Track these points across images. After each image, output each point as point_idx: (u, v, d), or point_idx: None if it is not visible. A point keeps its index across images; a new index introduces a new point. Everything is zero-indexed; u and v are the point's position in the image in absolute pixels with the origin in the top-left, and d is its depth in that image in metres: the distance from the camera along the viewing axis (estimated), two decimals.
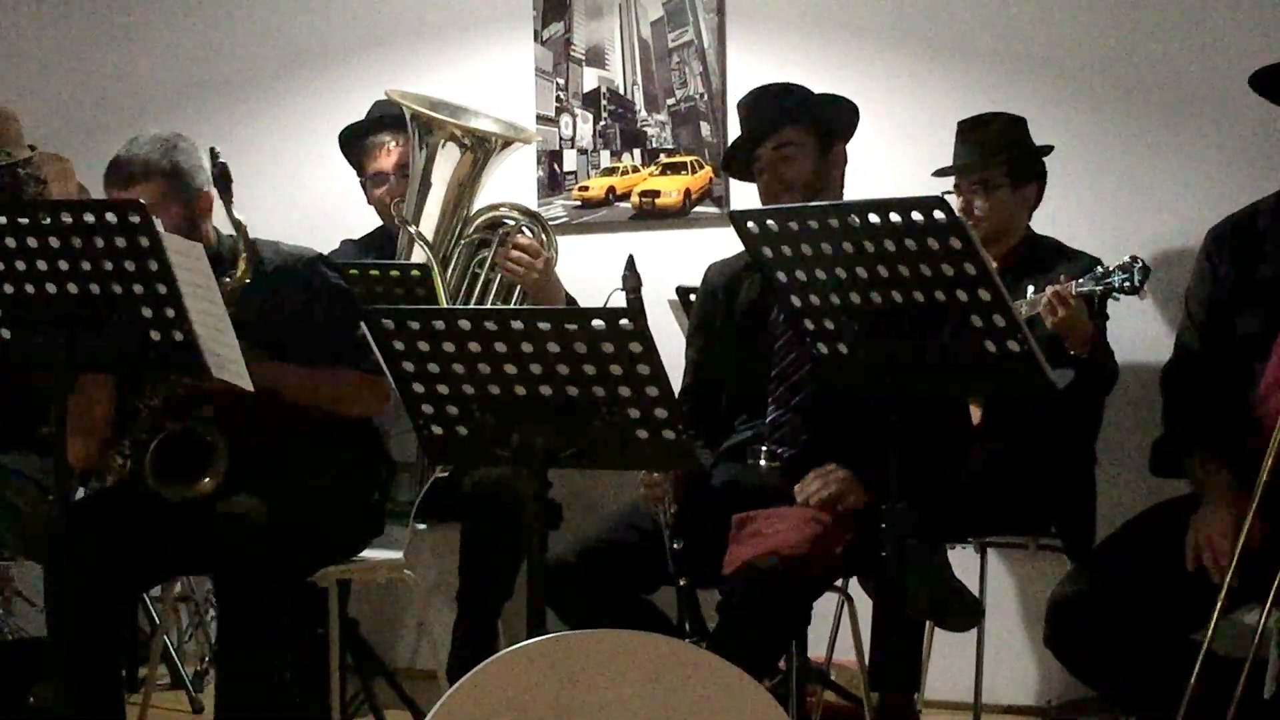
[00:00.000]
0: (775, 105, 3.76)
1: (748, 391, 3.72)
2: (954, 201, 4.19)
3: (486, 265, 4.47)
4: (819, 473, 3.48)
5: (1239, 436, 3.31)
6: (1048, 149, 4.28)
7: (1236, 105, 3.36)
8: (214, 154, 3.63)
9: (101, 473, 3.76)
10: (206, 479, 3.59)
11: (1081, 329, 3.61)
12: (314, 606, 3.90)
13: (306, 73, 5.57)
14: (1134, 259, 3.59)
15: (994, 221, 4.17)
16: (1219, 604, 2.87)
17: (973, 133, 4.24)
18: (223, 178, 3.61)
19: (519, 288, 4.43)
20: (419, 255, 4.41)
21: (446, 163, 4.45)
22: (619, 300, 3.50)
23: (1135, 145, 4.62)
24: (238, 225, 3.65)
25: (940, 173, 4.27)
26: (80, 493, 4.03)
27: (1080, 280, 3.63)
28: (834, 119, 3.82)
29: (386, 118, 4.71)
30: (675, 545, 3.43)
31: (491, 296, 4.44)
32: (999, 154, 4.18)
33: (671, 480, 3.47)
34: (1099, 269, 3.67)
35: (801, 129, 3.73)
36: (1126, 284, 3.59)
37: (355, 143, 4.78)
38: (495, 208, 4.55)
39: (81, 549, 3.55)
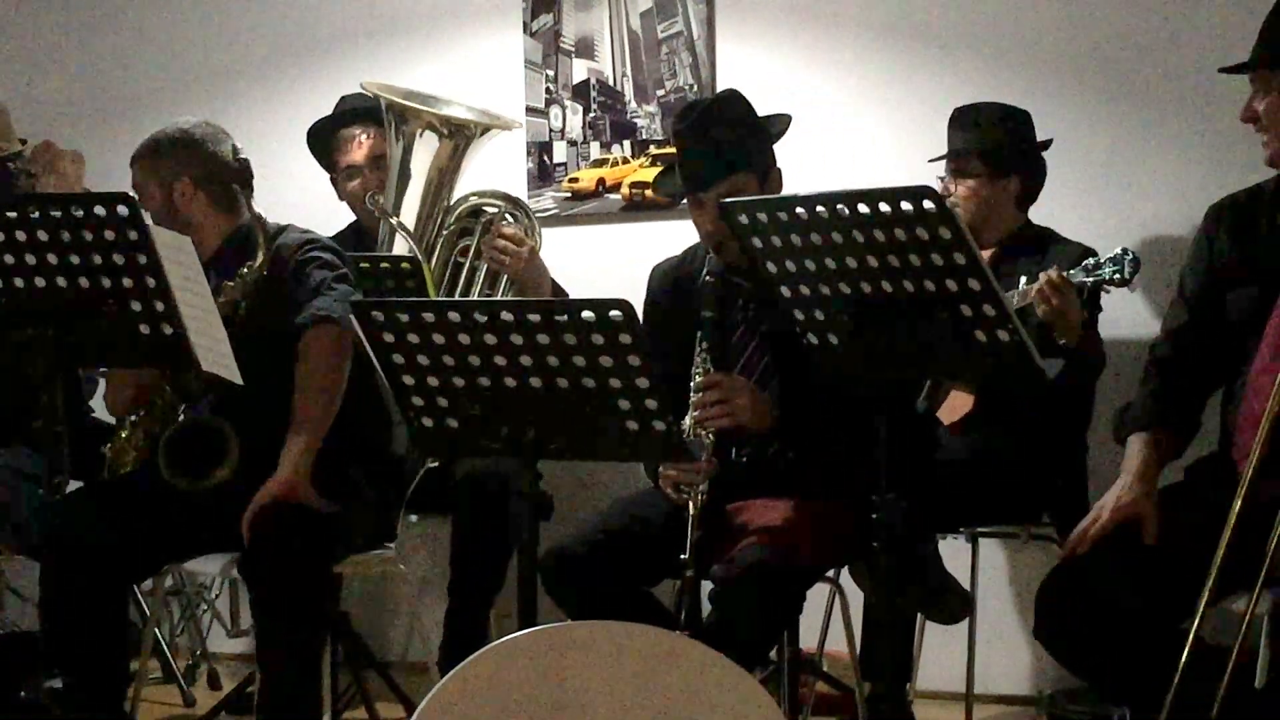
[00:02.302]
0: (724, 155, 3.57)
1: None
2: (939, 188, 4.20)
3: (470, 254, 4.45)
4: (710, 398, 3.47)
5: (1193, 424, 3.36)
6: (1045, 143, 4.27)
7: (1230, 93, 3.37)
8: (235, 150, 3.83)
9: (121, 456, 3.78)
10: (219, 471, 3.62)
11: (1072, 318, 3.62)
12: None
13: (295, 65, 5.56)
14: (1124, 251, 3.60)
15: (968, 209, 4.14)
16: (1206, 593, 2.87)
17: (958, 119, 4.24)
18: (243, 172, 3.77)
19: (505, 276, 4.42)
20: (401, 246, 4.40)
21: (425, 151, 4.44)
22: None
23: (1128, 134, 4.62)
24: (257, 218, 3.73)
25: (937, 160, 4.27)
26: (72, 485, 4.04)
27: (1070, 272, 3.64)
28: (771, 147, 3.69)
29: (354, 110, 4.70)
30: (696, 534, 3.38)
31: (477, 286, 4.42)
32: (976, 142, 4.17)
33: (707, 469, 3.42)
34: (1089, 261, 3.68)
35: (747, 173, 3.58)
36: (1116, 276, 3.60)
37: (323, 138, 4.76)
38: (477, 195, 4.54)
39: (77, 542, 3.56)
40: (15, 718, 3.97)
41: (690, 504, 3.39)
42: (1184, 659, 2.86)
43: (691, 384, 3.50)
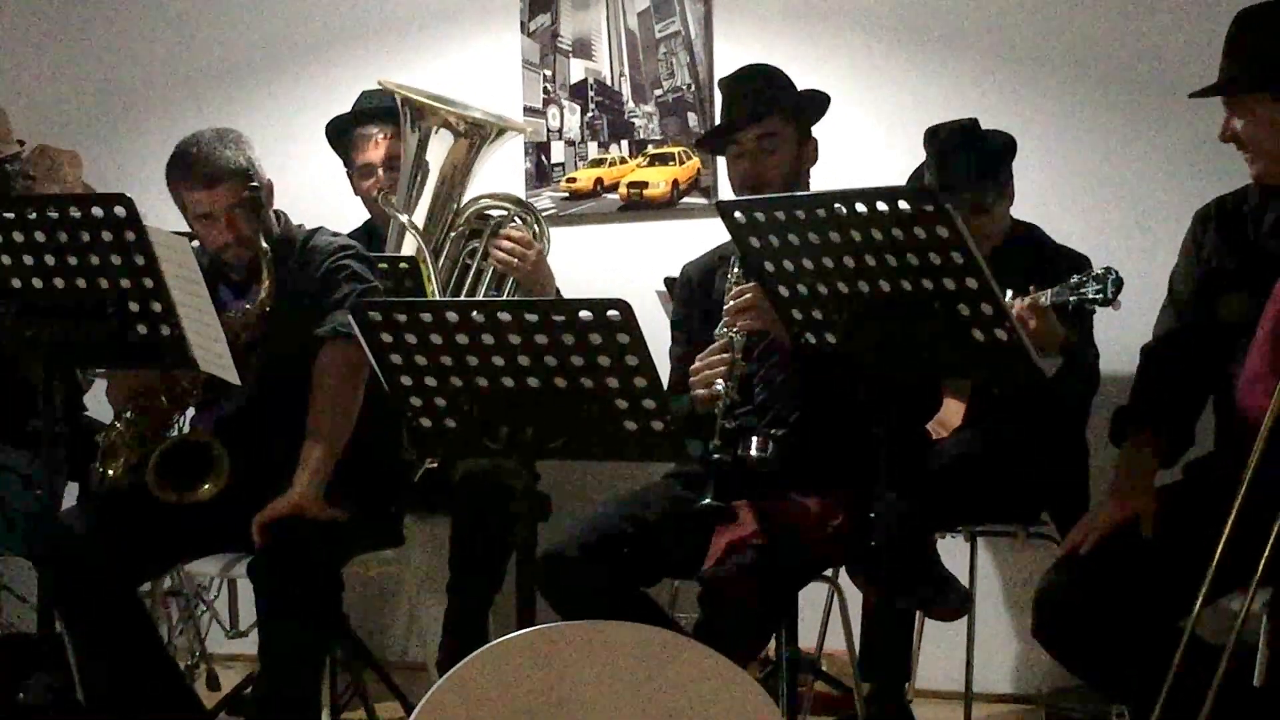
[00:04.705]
0: (763, 92, 3.76)
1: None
2: None
3: (478, 255, 4.46)
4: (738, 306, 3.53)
5: (1189, 424, 3.36)
6: (1010, 140, 4.24)
7: (1218, 99, 3.38)
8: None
9: (112, 452, 3.78)
10: (206, 486, 3.62)
11: (1052, 338, 3.59)
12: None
13: (294, 65, 5.56)
14: (1107, 270, 3.56)
15: (999, 231, 4.15)
16: (1203, 590, 2.87)
17: (956, 152, 4.14)
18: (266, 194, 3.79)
19: (511, 278, 4.42)
20: (409, 244, 4.40)
21: (439, 149, 4.44)
22: None
23: (1114, 136, 4.63)
24: (264, 252, 3.72)
25: (928, 188, 4.22)
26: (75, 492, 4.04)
27: (1056, 290, 3.61)
28: (810, 110, 3.84)
29: (373, 109, 4.70)
30: (728, 424, 3.42)
31: (484, 287, 4.42)
32: (992, 177, 4.13)
33: (735, 360, 3.49)
34: (1074, 279, 3.64)
35: (784, 119, 3.74)
36: (1099, 295, 3.56)
37: (342, 134, 4.77)
38: (487, 197, 4.54)
39: (75, 553, 3.57)
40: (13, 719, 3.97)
41: (720, 399, 3.44)
42: (1178, 657, 2.86)
43: (726, 295, 3.59)
